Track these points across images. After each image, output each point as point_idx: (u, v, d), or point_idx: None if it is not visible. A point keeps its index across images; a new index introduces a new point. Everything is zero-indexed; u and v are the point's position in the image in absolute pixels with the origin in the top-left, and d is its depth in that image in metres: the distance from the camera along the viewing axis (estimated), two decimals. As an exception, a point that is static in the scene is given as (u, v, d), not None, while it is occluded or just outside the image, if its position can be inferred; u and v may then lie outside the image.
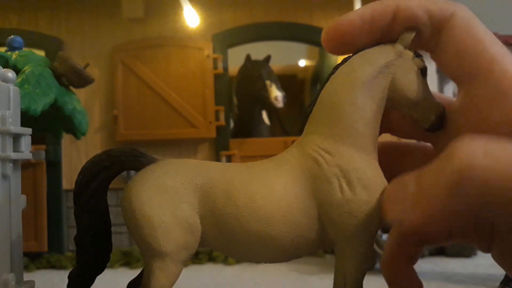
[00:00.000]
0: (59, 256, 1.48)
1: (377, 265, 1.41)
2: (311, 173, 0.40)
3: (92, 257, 0.48)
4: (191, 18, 1.58)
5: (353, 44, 0.40)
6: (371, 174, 0.39)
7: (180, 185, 0.43)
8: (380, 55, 0.40)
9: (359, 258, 0.40)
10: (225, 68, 1.66)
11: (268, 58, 1.75)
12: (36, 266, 1.43)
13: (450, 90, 1.74)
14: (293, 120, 2.19)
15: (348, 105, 0.40)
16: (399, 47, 0.40)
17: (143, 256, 0.44)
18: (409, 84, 0.40)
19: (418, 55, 0.42)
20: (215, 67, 1.63)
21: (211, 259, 1.46)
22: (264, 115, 1.81)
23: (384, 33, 0.39)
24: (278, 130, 1.95)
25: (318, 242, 0.41)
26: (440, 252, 1.54)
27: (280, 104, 1.67)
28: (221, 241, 0.43)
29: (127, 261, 1.45)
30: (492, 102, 0.36)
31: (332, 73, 0.42)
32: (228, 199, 0.41)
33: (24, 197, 0.72)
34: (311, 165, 0.40)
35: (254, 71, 1.71)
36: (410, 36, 0.39)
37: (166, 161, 0.47)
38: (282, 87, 1.72)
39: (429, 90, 0.42)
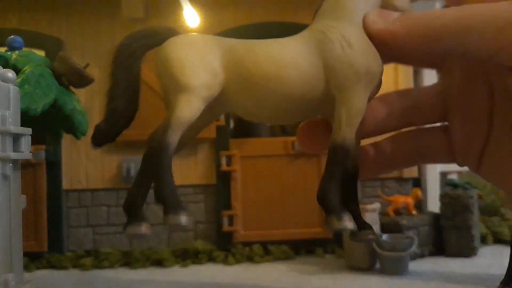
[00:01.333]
0: (59, 256, 1.48)
1: (377, 265, 1.41)
2: (318, 39, 0.49)
3: (122, 105, 0.54)
4: (191, 18, 1.58)
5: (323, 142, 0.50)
6: (367, 42, 0.48)
7: (207, 41, 0.52)
8: None
9: (359, 101, 0.48)
10: (225, 68, 1.66)
11: (268, 58, 1.75)
12: (36, 266, 1.43)
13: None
14: (293, 120, 2.18)
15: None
16: None
17: (168, 98, 0.50)
18: None
19: None
20: (215, 67, 1.63)
21: (211, 259, 1.46)
22: (264, 115, 1.81)
23: None
24: (278, 130, 1.95)
25: (321, 94, 0.49)
26: (440, 252, 1.54)
27: (280, 104, 1.67)
28: (238, 85, 0.50)
29: (127, 261, 1.45)
30: None
31: None
32: (247, 50, 0.50)
33: (24, 197, 0.72)
34: (318, 34, 0.50)
35: (254, 71, 1.71)
36: None
37: None
38: (282, 87, 1.72)
39: None
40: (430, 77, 1.80)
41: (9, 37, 1.09)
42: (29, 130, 0.72)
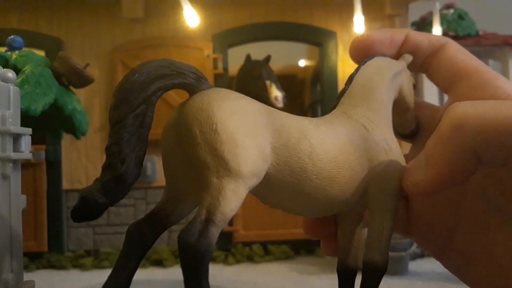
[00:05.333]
0: (59, 256, 1.48)
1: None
2: (362, 135, 0.46)
3: (131, 169, 0.41)
4: (191, 18, 1.58)
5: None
6: (398, 145, 0.47)
7: (258, 113, 0.42)
8: (395, 63, 0.50)
9: (393, 214, 0.45)
10: (225, 68, 1.66)
11: (268, 58, 1.75)
12: (36, 266, 1.43)
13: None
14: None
15: (381, 87, 0.49)
16: (403, 62, 0.50)
17: (206, 176, 0.40)
18: (409, 92, 0.51)
19: (411, 74, 0.52)
20: (215, 67, 1.63)
21: (211, 259, 1.46)
22: (264, 115, 1.81)
23: (395, 54, 0.51)
24: (278, 130, 1.95)
25: (361, 194, 0.46)
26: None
27: (280, 104, 1.67)
28: (286, 177, 0.42)
29: (127, 261, 1.45)
30: (477, 92, 0.43)
31: (362, 64, 0.49)
32: (303, 136, 0.43)
33: (24, 197, 0.72)
34: (361, 128, 0.46)
35: (254, 71, 1.71)
36: (410, 57, 0.49)
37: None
38: (282, 87, 1.72)
39: None
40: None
41: (9, 37, 1.09)
42: (29, 130, 0.72)
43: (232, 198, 0.39)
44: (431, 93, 1.83)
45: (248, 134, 0.41)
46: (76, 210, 0.39)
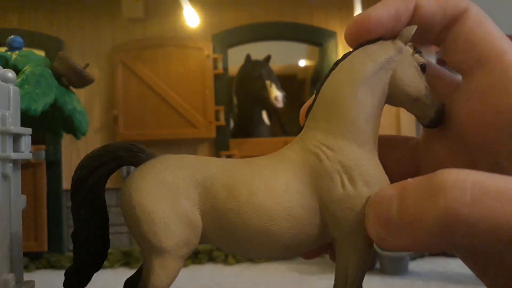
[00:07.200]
0: (59, 256, 1.48)
1: (377, 265, 1.41)
2: (313, 169, 0.41)
3: (89, 254, 0.48)
4: (191, 18, 1.58)
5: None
6: (373, 170, 0.40)
7: (181, 180, 0.43)
8: (381, 50, 0.41)
9: (360, 255, 0.40)
10: (225, 68, 1.66)
11: (268, 58, 1.75)
12: (36, 266, 1.43)
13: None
14: (293, 120, 2.19)
15: (349, 101, 0.41)
16: (399, 43, 0.41)
17: (142, 253, 0.44)
18: (409, 80, 0.41)
19: (418, 51, 0.42)
20: (215, 67, 1.63)
21: (211, 259, 1.46)
22: (264, 115, 1.81)
23: (401, 29, 0.41)
24: (278, 130, 1.95)
25: (319, 238, 0.41)
26: (440, 252, 1.54)
27: (280, 104, 1.67)
28: (222, 237, 0.43)
29: (127, 261, 1.45)
30: (499, 89, 0.36)
31: (333, 68, 0.42)
32: (229, 195, 0.42)
33: (24, 197, 0.72)
34: (313, 161, 0.41)
35: (254, 71, 1.71)
36: (410, 32, 0.40)
37: (166, 156, 0.47)
38: (282, 87, 1.72)
39: (428, 86, 0.42)
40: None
41: (9, 37, 1.09)
42: (29, 130, 0.72)
43: (161, 272, 0.42)
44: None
45: (167, 208, 0.42)
46: (64, 284, 0.49)
